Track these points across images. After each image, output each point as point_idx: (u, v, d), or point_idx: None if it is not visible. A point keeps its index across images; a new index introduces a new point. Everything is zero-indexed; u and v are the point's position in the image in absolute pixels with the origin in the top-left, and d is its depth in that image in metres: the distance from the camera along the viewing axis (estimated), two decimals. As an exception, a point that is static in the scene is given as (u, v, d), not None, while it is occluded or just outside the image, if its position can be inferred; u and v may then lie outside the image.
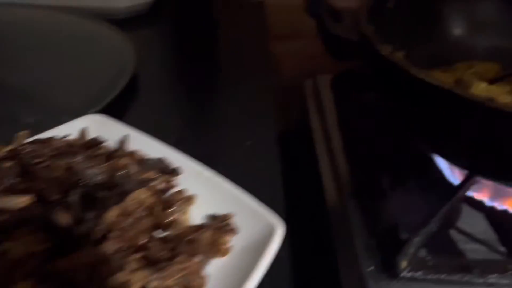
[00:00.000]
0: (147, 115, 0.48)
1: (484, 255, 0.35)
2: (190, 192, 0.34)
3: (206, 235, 0.31)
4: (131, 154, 0.36)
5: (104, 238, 0.29)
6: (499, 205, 0.37)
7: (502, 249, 0.35)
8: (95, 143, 0.38)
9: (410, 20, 0.45)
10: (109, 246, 0.29)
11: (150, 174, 0.34)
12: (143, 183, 0.33)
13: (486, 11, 0.48)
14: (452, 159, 0.37)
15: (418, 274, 0.32)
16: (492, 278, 0.32)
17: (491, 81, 0.40)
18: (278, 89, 0.56)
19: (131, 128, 0.38)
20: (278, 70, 0.69)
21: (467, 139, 0.33)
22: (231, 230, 0.31)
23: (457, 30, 0.49)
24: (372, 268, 0.33)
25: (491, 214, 0.37)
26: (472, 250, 0.35)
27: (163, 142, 0.37)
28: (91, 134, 0.39)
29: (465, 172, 0.37)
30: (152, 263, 0.29)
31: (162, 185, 0.34)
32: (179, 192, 0.34)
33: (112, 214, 0.30)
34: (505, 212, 0.37)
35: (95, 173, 0.33)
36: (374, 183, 0.40)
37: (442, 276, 0.32)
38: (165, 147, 0.37)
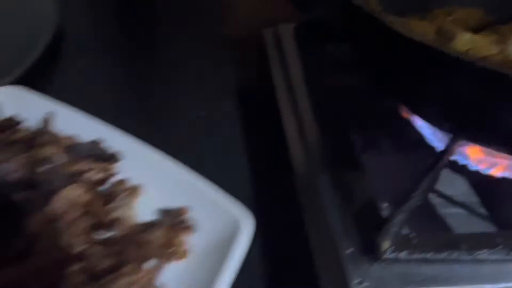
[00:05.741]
0: (75, 85, 0.40)
1: (470, 225, 0.32)
2: (135, 181, 0.28)
3: (158, 235, 0.26)
4: (57, 138, 0.29)
5: (28, 253, 0.23)
6: (484, 169, 0.34)
7: (487, 216, 0.32)
8: (11, 124, 0.31)
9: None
10: (36, 263, 0.23)
11: (83, 164, 0.28)
12: (74, 177, 0.27)
13: None
14: (435, 122, 0.33)
15: (402, 254, 0.29)
16: (481, 254, 0.29)
17: (475, 30, 0.36)
18: (232, 41, 0.49)
19: (55, 103, 0.31)
20: (230, 19, 0.62)
21: (454, 100, 0.29)
22: (188, 228, 0.26)
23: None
24: (350, 250, 0.29)
25: (475, 179, 0.34)
26: (455, 217, 0.32)
27: (96, 119, 0.30)
28: (5, 112, 0.31)
29: (449, 135, 0.33)
30: (94, 277, 0.24)
31: (98, 176, 0.28)
32: (121, 182, 0.28)
33: (34, 223, 0.24)
34: (491, 177, 0.34)
35: (12, 168, 0.26)
36: (348, 151, 0.35)
37: (428, 255, 0.29)
38: (99, 125, 0.30)
